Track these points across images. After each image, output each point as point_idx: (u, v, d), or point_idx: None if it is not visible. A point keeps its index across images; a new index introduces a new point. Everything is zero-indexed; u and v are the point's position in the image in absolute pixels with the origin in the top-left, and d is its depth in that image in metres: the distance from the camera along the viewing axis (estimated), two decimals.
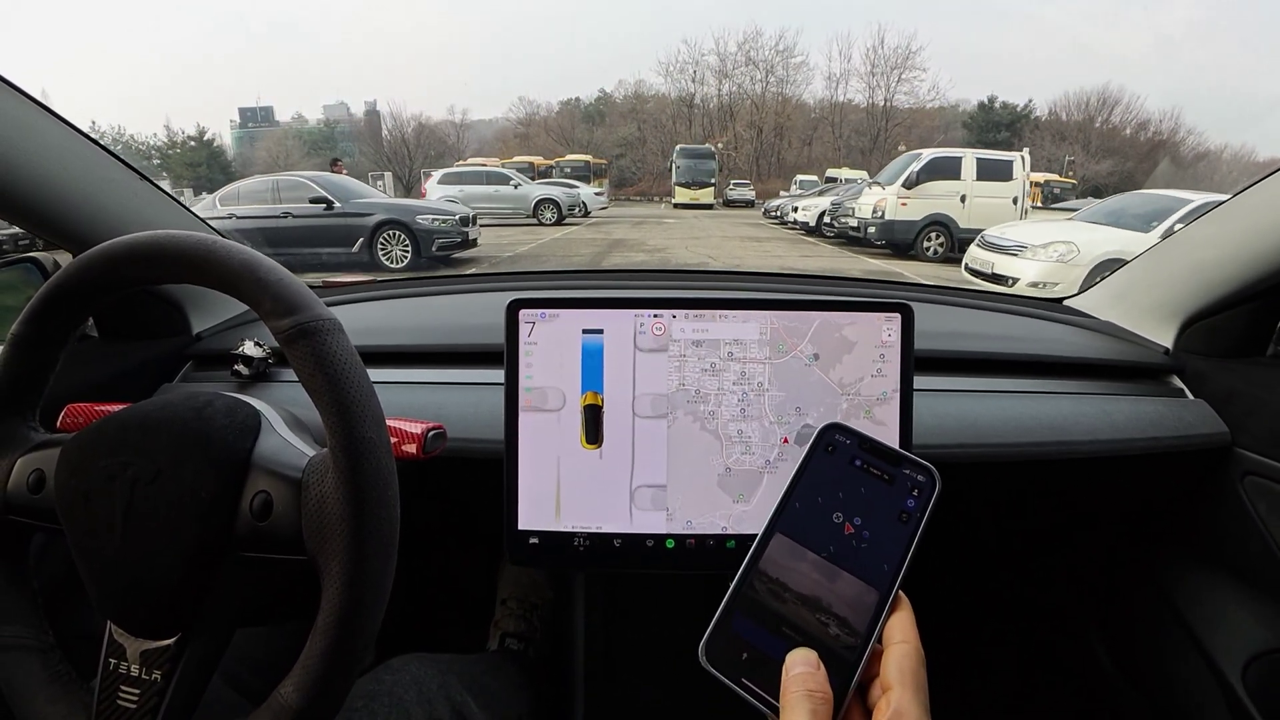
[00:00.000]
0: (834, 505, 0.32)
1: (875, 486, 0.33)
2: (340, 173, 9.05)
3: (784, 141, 33.27)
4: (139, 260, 0.42)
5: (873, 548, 0.31)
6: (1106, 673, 0.94)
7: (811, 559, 0.31)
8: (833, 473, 0.34)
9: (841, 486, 0.33)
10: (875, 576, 0.30)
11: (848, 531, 0.32)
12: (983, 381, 0.74)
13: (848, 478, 0.33)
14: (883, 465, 0.33)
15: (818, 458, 0.34)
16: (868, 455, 0.34)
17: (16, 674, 0.42)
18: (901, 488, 0.33)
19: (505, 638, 0.94)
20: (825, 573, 0.31)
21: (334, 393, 0.38)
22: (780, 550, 0.32)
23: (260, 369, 0.73)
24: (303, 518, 0.39)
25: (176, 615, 0.40)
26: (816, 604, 0.30)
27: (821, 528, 0.32)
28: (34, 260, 0.73)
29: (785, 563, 0.31)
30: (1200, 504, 0.77)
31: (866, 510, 0.32)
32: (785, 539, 0.32)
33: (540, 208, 13.01)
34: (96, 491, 0.40)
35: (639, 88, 36.06)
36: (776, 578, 0.31)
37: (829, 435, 0.35)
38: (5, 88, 0.57)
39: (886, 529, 0.31)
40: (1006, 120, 30.83)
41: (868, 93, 34.12)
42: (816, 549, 0.31)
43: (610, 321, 0.55)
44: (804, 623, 0.30)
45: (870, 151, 31.42)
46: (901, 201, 8.16)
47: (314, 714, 0.38)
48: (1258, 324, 0.75)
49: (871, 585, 0.30)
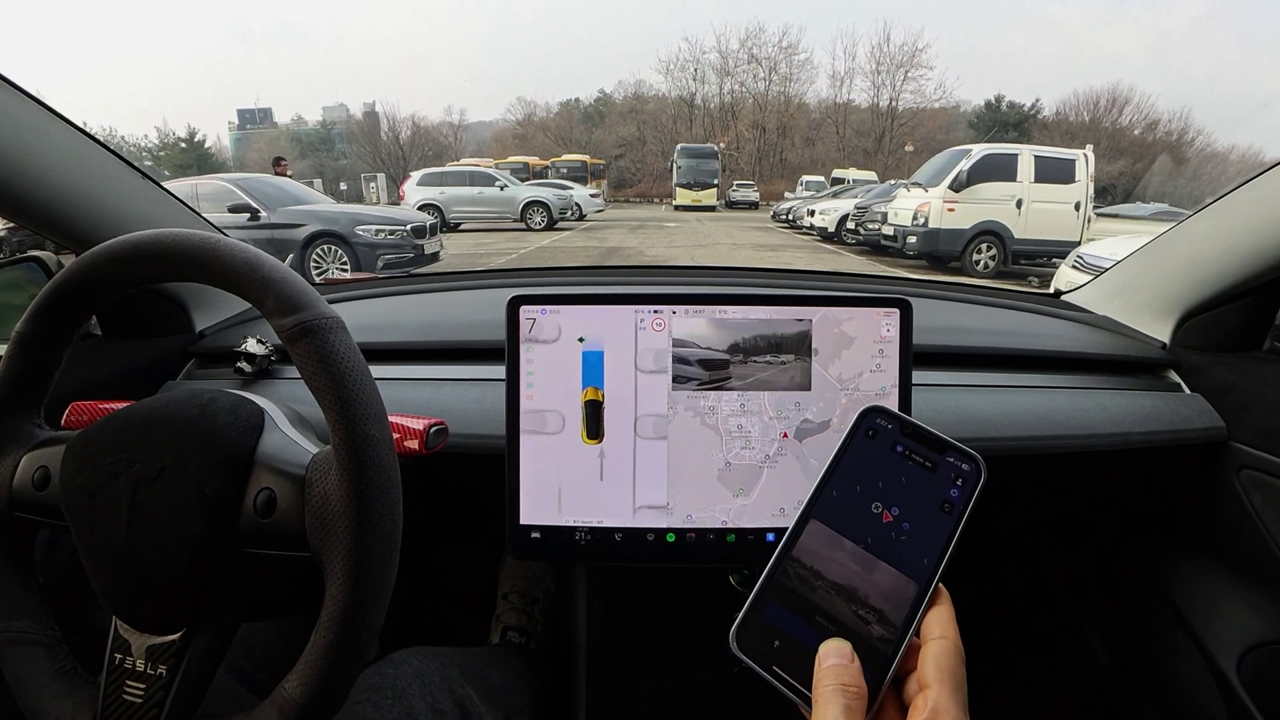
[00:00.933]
0: (873, 493, 0.31)
1: (917, 474, 0.31)
2: (284, 174, 7.85)
3: (787, 141, 32.82)
4: (142, 259, 0.42)
5: (912, 539, 0.30)
6: (1103, 665, 0.94)
7: (849, 548, 0.30)
8: (873, 459, 0.32)
9: (882, 474, 0.31)
10: (914, 568, 0.29)
11: (886, 520, 0.30)
12: (981, 376, 0.74)
13: (888, 464, 0.32)
14: (926, 452, 0.32)
15: (857, 442, 0.32)
16: (910, 441, 0.32)
17: (23, 668, 0.43)
18: (945, 476, 0.31)
19: (507, 631, 0.95)
20: (862, 562, 0.30)
21: (337, 390, 0.38)
22: (816, 537, 0.30)
23: (263, 366, 0.73)
24: (306, 514, 0.39)
25: (181, 610, 0.40)
26: (852, 594, 0.29)
27: (859, 516, 0.31)
28: (37, 259, 0.73)
29: (821, 550, 0.30)
30: (1196, 498, 0.77)
31: (907, 499, 0.31)
32: (821, 526, 0.31)
33: (528, 211, 11.97)
34: (101, 488, 0.40)
35: (639, 88, 35.91)
36: (811, 565, 0.30)
37: (870, 419, 0.33)
38: (8, 88, 0.58)
39: (928, 519, 0.30)
40: (1014, 120, 30.33)
41: (873, 91, 33.65)
42: (854, 538, 0.30)
43: (610, 322, 0.55)
44: (838, 613, 0.29)
45: (875, 152, 31.06)
46: (948, 206, 6.86)
47: (317, 708, 0.38)
48: (1254, 319, 0.75)
49: (910, 577, 0.29)
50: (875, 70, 33.57)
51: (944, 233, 6.94)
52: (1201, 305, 0.76)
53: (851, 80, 34.95)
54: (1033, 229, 6.87)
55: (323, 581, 0.39)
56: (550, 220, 11.99)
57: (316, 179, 27.82)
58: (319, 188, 28.22)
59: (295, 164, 32.01)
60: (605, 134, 33.68)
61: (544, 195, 12.42)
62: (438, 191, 11.73)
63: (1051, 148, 7.84)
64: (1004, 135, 29.55)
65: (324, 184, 27.35)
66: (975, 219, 6.90)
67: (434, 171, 13.13)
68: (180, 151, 30.19)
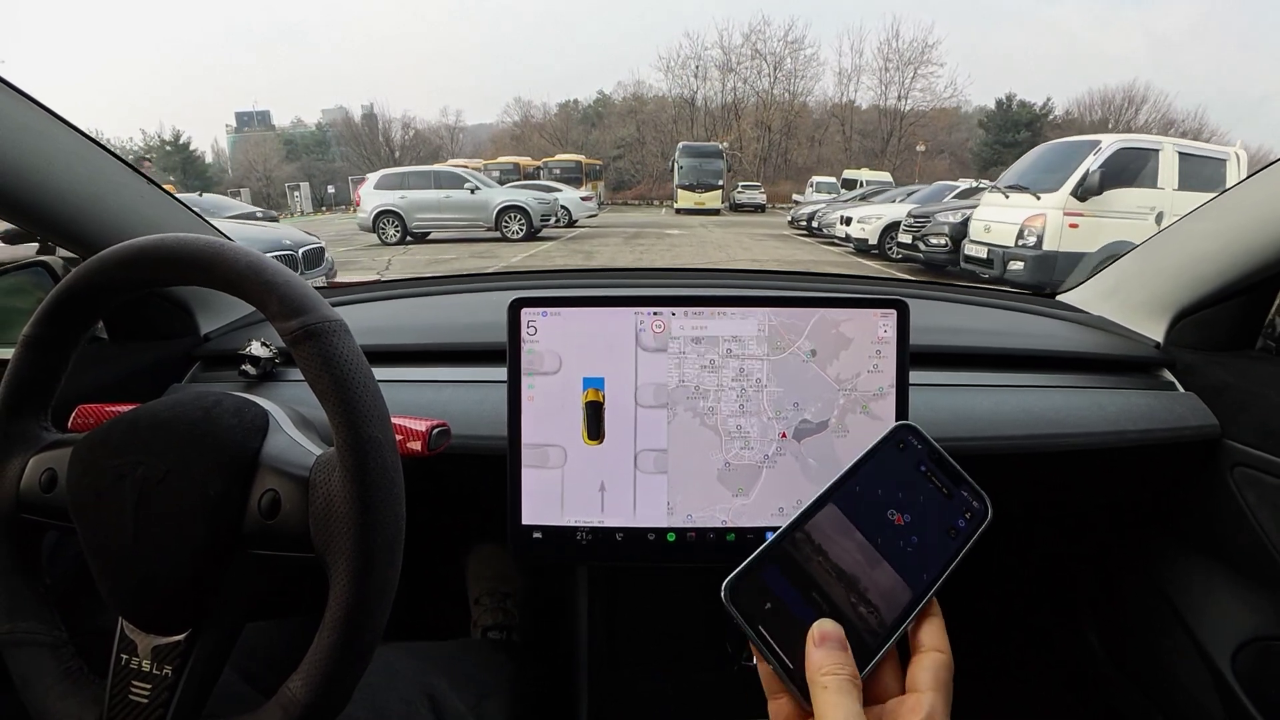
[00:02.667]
0: (892, 500, 0.33)
1: (934, 496, 0.33)
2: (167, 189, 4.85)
3: (793, 141, 31.99)
4: (148, 263, 0.42)
5: (918, 552, 0.32)
6: (1100, 661, 0.95)
7: (858, 539, 0.31)
8: (897, 470, 0.34)
9: (903, 485, 0.33)
10: (914, 578, 0.31)
11: (899, 524, 0.32)
12: (977, 376, 0.75)
13: (910, 479, 0.34)
14: (944, 480, 0.34)
15: (886, 450, 0.34)
16: (934, 466, 0.34)
17: (30, 669, 0.43)
18: (957, 506, 0.33)
19: (486, 632, 0.97)
20: (868, 556, 0.31)
21: (340, 393, 0.39)
22: (830, 520, 0.32)
23: (267, 369, 0.74)
24: (310, 516, 0.40)
25: (187, 611, 0.41)
26: (852, 583, 0.30)
27: (875, 515, 0.32)
28: (44, 264, 0.73)
29: (832, 534, 0.31)
30: (1191, 495, 0.78)
31: (921, 515, 0.33)
32: (837, 512, 0.32)
33: (504, 218, 10.11)
34: (107, 490, 0.40)
35: (638, 88, 35.45)
36: (819, 544, 0.31)
37: (902, 434, 0.35)
38: (14, 94, 0.58)
39: (935, 538, 0.32)
40: (1025, 120, 29.47)
41: (880, 89, 32.61)
42: (865, 532, 0.32)
43: (611, 322, 0.56)
44: (835, 596, 0.30)
45: (882, 152, 30.44)
46: (1070, 221, 4.87)
47: (321, 708, 0.39)
48: (1247, 318, 0.76)
49: (909, 584, 0.31)
50: (884, 67, 32.71)
51: (1063, 257, 4.81)
52: (1195, 305, 0.76)
53: (859, 78, 33.91)
54: None
55: (327, 582, 0.39)
56: (530, 228, 10.19)
57: (304, 182, 27.67)
58: (306, 192, 27.44)
59: (282, 167, 31.74)
60: (603, 134, 33.38)
61: (521, 199, 10.49)
62: (397, 196, 10.13)
63: (1194, 142, 5.60)
64: (1016, 135, 28.90)
65: (312, 187, 27.25)
66: (1104, 239, 4.66)
67: (394, 173, 11.28)
68: (165, 155, 29.88)
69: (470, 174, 11.08)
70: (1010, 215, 5.25)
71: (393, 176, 10.79)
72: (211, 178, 31.38)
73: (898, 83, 32.47)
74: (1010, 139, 29.03)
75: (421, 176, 10.72)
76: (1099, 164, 4.86)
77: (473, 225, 10.17)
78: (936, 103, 31.99)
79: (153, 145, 30.00)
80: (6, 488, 0.45)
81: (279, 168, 31.66)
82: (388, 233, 10.15)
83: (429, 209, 10.21)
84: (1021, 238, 5.10)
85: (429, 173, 11.05)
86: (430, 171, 11.19)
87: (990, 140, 29.77)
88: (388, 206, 10.07)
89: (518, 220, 10.18)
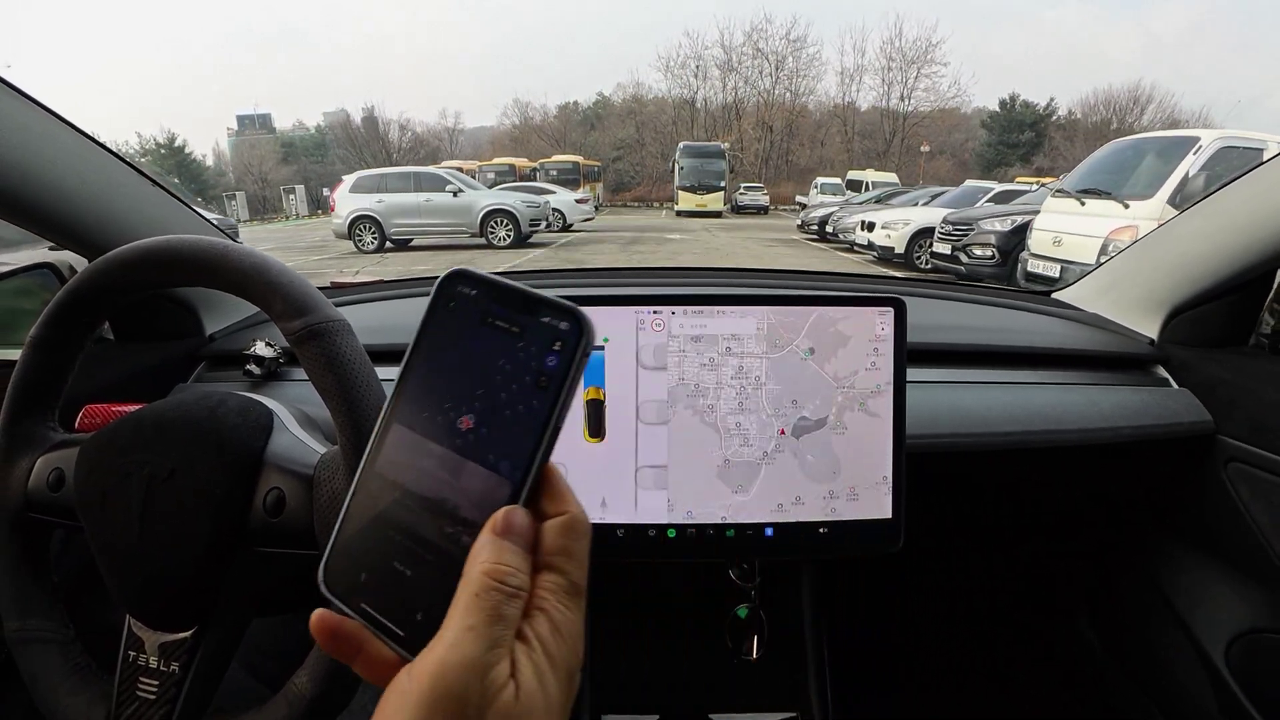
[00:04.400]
0: (458, 384, 0.25)
1: (507, 346, 0.25)
2: None
3: (794, 141, 31.58)
4: (153, 264, 0.43)
5: (507, 428, 0.24)
6: (1095, 654, 0.96)
7: (435, 452, 0.25)
8: (459, 337, 0.26)
9: (468, 355, 0.26)
10: (509, 465, 0.24)
11: (475, 409, 0.25)
12: (974, 373, 0.76)
13: (476, 341, 0.26)
14: (515, 316, 0.26)
15: (438, 319, 0.26)
16: (499, 308, 0.26)
17: (39, 666, 0.44)
18: (540, 341, 0.25)
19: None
20: (449, 467, 0.25)
21: (343, 392, 0.39)
22: (398, 446, 0.26)
23: (272, 368, 0.74)
24: (315, 513, 0.40)
25: (193, 608, 0.41)
26: (440, 507, 0.25)
27: (444, 414, 0.25)
28: (50, 265, 0.74)
29: (404, 460, 0.25)
30: (1185, 490, 0.78)
31: (499, 380, 0.25)
32: (404, 430, 0.26)
33: (489, 223, 9.36)
34: (114, 489, 0.41)
35: (638, 89, 35.31)
36: (394, 479, 0.25)
37: (451, 287, 0.26)
38: (20, 98, 0.59)
39: (523, 399, 0.25)
40: (1029, 120, 29.17)
41: (883, 89, 32.20)
42: (439, 439, 0.25)
43: (611, 321, 0.56)
44: (426, 532, 0.25)
45: (884, 153, 30.14)
46: None
47: (326, 702, 0.39)
48: (1240, 315, 0.77)
49: (504, 476, 0.24)
50: (887, 67, 32.26)
51: None
52: (1189, 302, 0.77)
53: (861, 77, 33.44)
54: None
55: None
56: (519, 234, 9.44)
57: (300, 185, 27.57)
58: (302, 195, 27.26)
59: (279, 169, 31.71)
60: (603, 136, 33.25)
61: (509, 202, 9.63)
62: (374, 200, 9.30)
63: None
64: (1019, 136, 28.76)
65: (308, 190, 27.20)
66: None
67: (371, 174, 10.36)
68: (160, 157, 29.61)
69: (454, 175, 10.21)
70: (1089, 226, 4.31)
71: (370, 179, 9.94)
72: (208, 181, 31.32)
73: (900, 82, 32.22)
74: (1014, 139, 28.80)
75: (401, 178, 9.90)
76: (1200, 165, 4.06)
77: (456, 231, 9.43)
78: (940, 103, 31.69)
79: (148, 149, 29.85)
80: (15, 487, 0.45)
81: (275, 170, 31.59)
82: (364, 239, 9.43)
83: (408, 214, 9.39)
84: (1107, 254, 4.13)
85: (409, 174, 10.24)
86: (410, 173, 10.41)
87: (993, 141, 29.50)
88: (364, 211, 9.31)
89: (505, 226, 9.45)
